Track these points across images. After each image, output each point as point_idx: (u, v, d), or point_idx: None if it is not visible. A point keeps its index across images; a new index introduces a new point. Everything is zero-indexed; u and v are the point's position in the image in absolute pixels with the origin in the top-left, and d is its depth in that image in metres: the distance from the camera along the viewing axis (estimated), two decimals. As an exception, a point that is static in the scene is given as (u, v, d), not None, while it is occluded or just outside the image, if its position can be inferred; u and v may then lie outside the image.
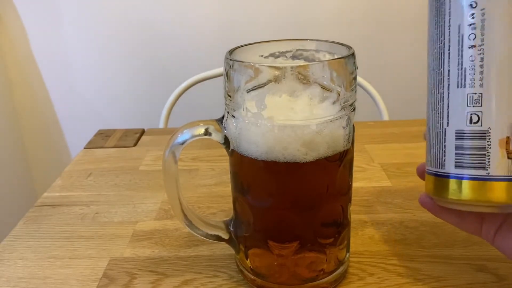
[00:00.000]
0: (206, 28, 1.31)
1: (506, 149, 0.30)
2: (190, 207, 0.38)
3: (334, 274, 0.37)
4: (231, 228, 0.39)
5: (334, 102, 0.32)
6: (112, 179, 0.60)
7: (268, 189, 0.34)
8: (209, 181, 0.58)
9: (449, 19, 0.31)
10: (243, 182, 0.36)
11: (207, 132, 0.35)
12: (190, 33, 1.32)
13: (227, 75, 0.33)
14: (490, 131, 0.30)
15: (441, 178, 0.33)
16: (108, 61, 1.36)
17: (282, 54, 0.38)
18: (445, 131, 0.32)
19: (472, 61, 0.30)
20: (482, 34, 0.30)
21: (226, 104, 0.34)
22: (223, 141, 0.35)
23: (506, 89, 0.30)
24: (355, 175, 0.38)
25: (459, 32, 0.30)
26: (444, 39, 0.31)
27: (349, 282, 0.38)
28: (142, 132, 0.76)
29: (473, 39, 0.30)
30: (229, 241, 0.39)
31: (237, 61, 0.32)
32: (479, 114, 0.31)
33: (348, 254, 0.39)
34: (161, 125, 0.99)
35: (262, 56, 0.38)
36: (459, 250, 0.42)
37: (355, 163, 0.38)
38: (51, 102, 1.41)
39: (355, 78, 0.33)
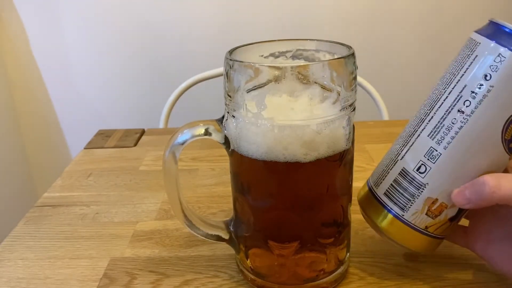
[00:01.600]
0: (206, 28, 1.31)
1: (429, 207, 0.33)
2: (190, 207, 0.38)
3: (334, 274, 0.37)
4: (231, 228, 0.39)
5: (334, 102, 0.32)
6: (112, 179, 0.60)
7: (268, 189, 0.34)
8: (209, 181, 0.58)
9: (462, 75, 0.31)
10: (243, 182, 0.36)
11: (207, 132, 0.35)
12: (190, 33, 1.32)
13: (227, 75, 0.33)
14: (427, 186, 0.33)
15: (370, 194, 0.37)
16: (108, 61, 1.36)
17: (282, 54, 0.38)
18: (396, 161, 0.34)
19: (453, 123, 0.31)
20: (476, 107, 0.30)
21: (226, 104, 0.34)
22: (223, 141, 0.35)
23: (463, 163, 0.32)
24: (355, 175, 0.38)
25: (460, 92, 0.31)
26: (447, 89, 0.32)
27: (349, 282, 0.38)
28: (142, 132, 0.76)
29: (466, 106, 0.30)
30: (229, 241, 0.39)
31: (237, 61, 0.32)
32: (428, 168, 0.32)
33: (348, 254, 0.39)
34: (161, 125, 0.99)
35: (262, 56, 0.38)
36: (459, 250, 0.42)
37: (355, 163, 0.38)
38: (51, 102, 1.41)
39: (355, 78, 0.33)
